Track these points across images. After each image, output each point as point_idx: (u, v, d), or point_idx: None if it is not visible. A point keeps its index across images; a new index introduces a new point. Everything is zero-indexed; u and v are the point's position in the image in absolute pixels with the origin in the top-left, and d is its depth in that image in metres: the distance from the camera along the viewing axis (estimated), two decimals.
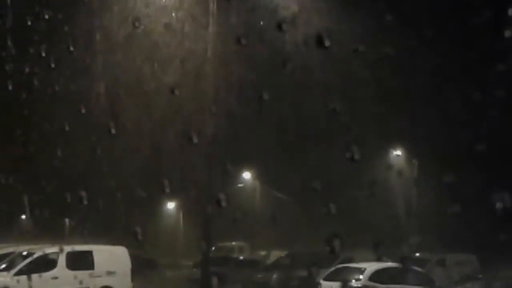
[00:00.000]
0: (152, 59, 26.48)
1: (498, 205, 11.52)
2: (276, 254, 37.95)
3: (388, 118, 33.61)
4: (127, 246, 24.99)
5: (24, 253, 23.76)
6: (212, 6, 25.80)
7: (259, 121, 31.40)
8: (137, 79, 26.85)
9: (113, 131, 13.68)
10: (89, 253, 24.13)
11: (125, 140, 25.61)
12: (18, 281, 22.21)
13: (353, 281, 24.29)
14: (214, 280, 30.68)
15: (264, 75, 26.75)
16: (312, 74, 28.64)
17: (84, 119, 20.30)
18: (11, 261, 23.35)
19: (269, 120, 32.12)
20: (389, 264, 25.83)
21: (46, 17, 18.75)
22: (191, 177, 30.34)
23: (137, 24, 19.29)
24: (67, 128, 18.33)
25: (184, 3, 26.99)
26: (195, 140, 11.33)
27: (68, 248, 23.71)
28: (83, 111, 17.36)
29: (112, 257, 24.25)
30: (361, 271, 24.48)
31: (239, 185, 52.14)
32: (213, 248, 37.87)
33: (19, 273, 22.46)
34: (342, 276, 25.01)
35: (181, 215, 56.71)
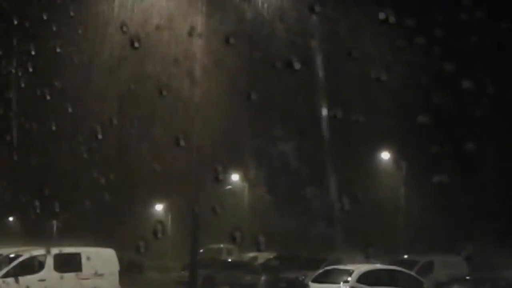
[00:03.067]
0: (139, 60, 26.38)
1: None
2: (264, 256, 37.92)
3: (376, 119, 33.66)
4: (114, 248, 24.94)
5: (12, 255, 23.66)
6: (201, 6, 25.78)
7: (248, 122, 31.33)
8: (125, 80, 26.74)
9: (100, 133, 13.59)
10: (77, 255, 24.05)
11: (113, 141, 25.52)
12: (5, 282, 22.10)
13: (341, 283, 24.30)
14: (202, 283, 30.65)
15: (253, 76, 26.72)
16: (302, 75, 28.62)
17: (72, 120, 20.22)
18: None
19: (259, 121, 32.05)
20: (378, 266, 25.88)
21: (32, 15, 18.66)
22: (179, 179, 30.27)
23: (124, 28, 19.16)
24: (54, 129, 18.26)
25: (174, 4, 26.94)
26: (182, 143, 11.29)
27: (55, 250, 23.62)
28: (70, 110, 17.28)
29: (100, 259, 24.17)
30: (349, 273, 24.50)
31: (228, 187, 52.03)
32: (202, 250, 37.82)
33: (6, 275, 22.37)
34: (330, 278, 25.03)
35: (169, 217, 56.56)
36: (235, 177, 51.73)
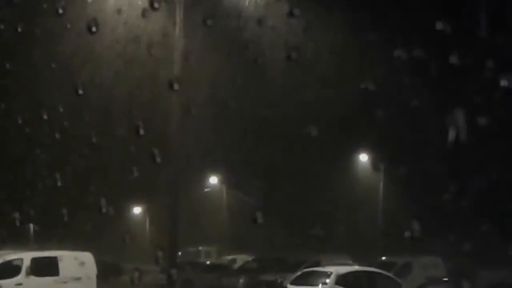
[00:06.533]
0: (115, 64, 26.28)
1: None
2: (243, 259, 37.93)
3: (354, 121, 33.80)
4: (92, 252, 24.80)
5: None
6: (179, 13, 25.70)
7: (226, 125, 31.35)
8: (101, 84, 26.62)
9: (78, 134, 13.52)
10: (54, 259, 23.86)
11: (89, 145, 25.37)
12: None
13: (320, 285, 24.30)
14: (181, 286, 30.58)
15: (232, 80, 26.73)
16: (280, 78, 28.71)
17: (48, 124, 20.06)
18: None
19: (237, 124, 32.07)
20: (356, 267, 25.93)
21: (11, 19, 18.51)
22: (157, 181, 30.20)
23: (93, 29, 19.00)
24: (29, 132, 18.13)
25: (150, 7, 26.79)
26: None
27: (32, 254, 23.44)
28: (45, 117, 17.15)
29: (77, 263, 24.01)
30: (327, 275, 24.50)
31: (206, 189, 52.01)
32: (180, 253, 37.76)
33: None
34: (308, 280, 25.02)
35: (147, 219, 56.44)
36: (213, 179, 51.75)
